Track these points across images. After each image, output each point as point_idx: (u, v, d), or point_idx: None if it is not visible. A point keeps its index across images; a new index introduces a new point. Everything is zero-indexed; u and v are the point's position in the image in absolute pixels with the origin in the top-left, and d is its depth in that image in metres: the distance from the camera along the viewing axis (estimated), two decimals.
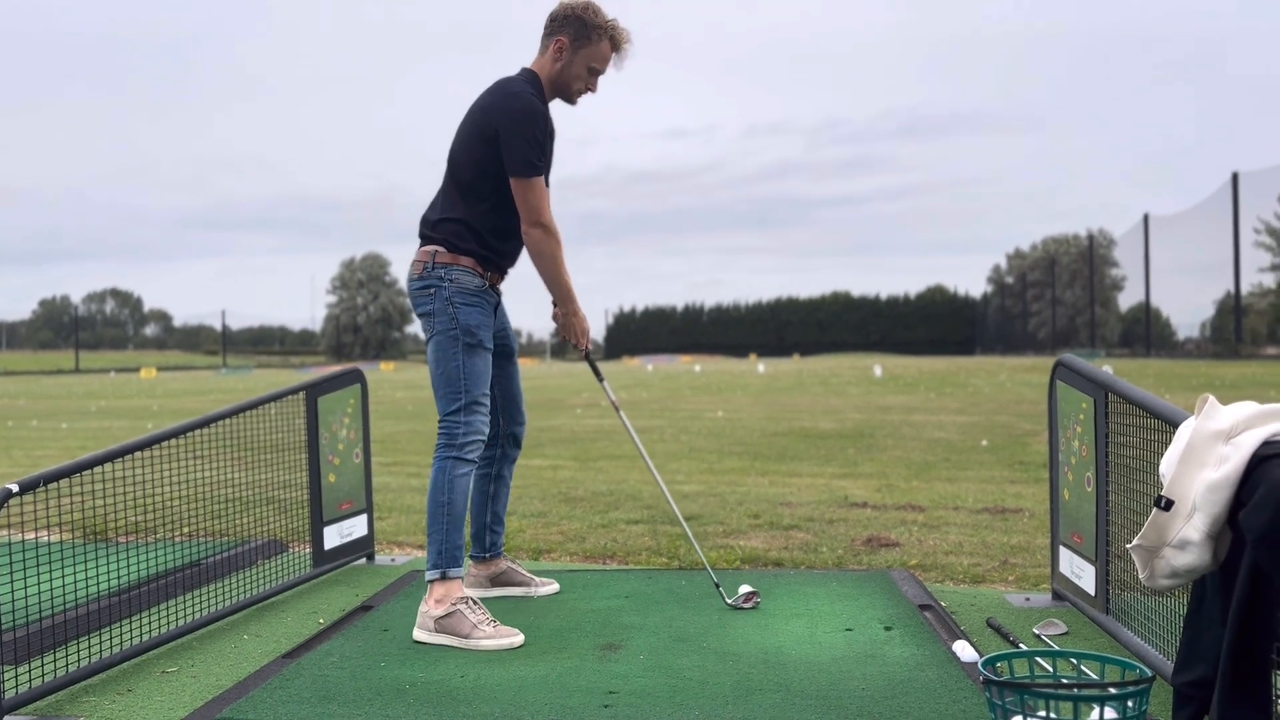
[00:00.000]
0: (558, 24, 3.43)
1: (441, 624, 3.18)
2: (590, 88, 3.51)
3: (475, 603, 3.24)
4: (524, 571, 3.83)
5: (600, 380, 3.88)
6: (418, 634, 3.21)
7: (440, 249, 3.38)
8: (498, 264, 3.47)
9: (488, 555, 3.79)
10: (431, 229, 3.43)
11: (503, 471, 3.79)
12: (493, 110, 3.35)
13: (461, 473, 3.34)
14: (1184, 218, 46.44)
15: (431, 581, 3.27)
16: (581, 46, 3.41)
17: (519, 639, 3.14)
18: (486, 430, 3.42)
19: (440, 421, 3.39)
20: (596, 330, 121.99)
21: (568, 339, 3.66)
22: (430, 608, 3.22)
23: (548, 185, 3.43)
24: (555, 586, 3.81)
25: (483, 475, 3.75)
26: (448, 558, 3.28)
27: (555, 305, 3.56)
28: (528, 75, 3.45)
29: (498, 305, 3.55)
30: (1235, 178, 39.17)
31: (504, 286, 3.59)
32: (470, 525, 3.74)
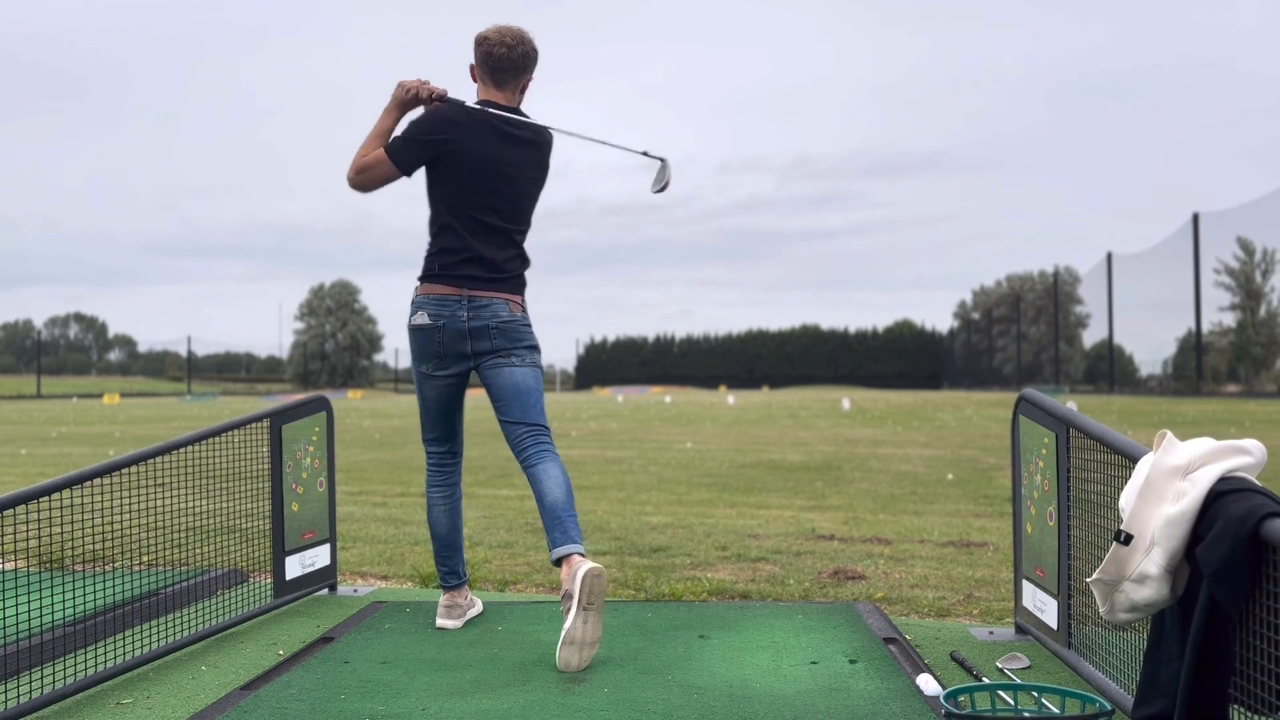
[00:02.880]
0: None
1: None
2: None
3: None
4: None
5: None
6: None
7: (523, 291, 3.74)
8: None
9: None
10: (514, 271, 3.70)
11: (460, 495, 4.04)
12: (545, 148, 3.80)
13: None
14: (1146, 256, 47.25)
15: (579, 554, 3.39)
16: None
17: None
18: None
19: (545, 428, 3.69)
20: (567, 360, 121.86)
21: (411, 95, 3.64)
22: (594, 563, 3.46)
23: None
24: (479, 608, 3.99)
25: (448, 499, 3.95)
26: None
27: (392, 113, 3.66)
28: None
29: None
30: (1195, 218, 39.94)
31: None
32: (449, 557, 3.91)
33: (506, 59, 3.62)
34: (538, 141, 3.70)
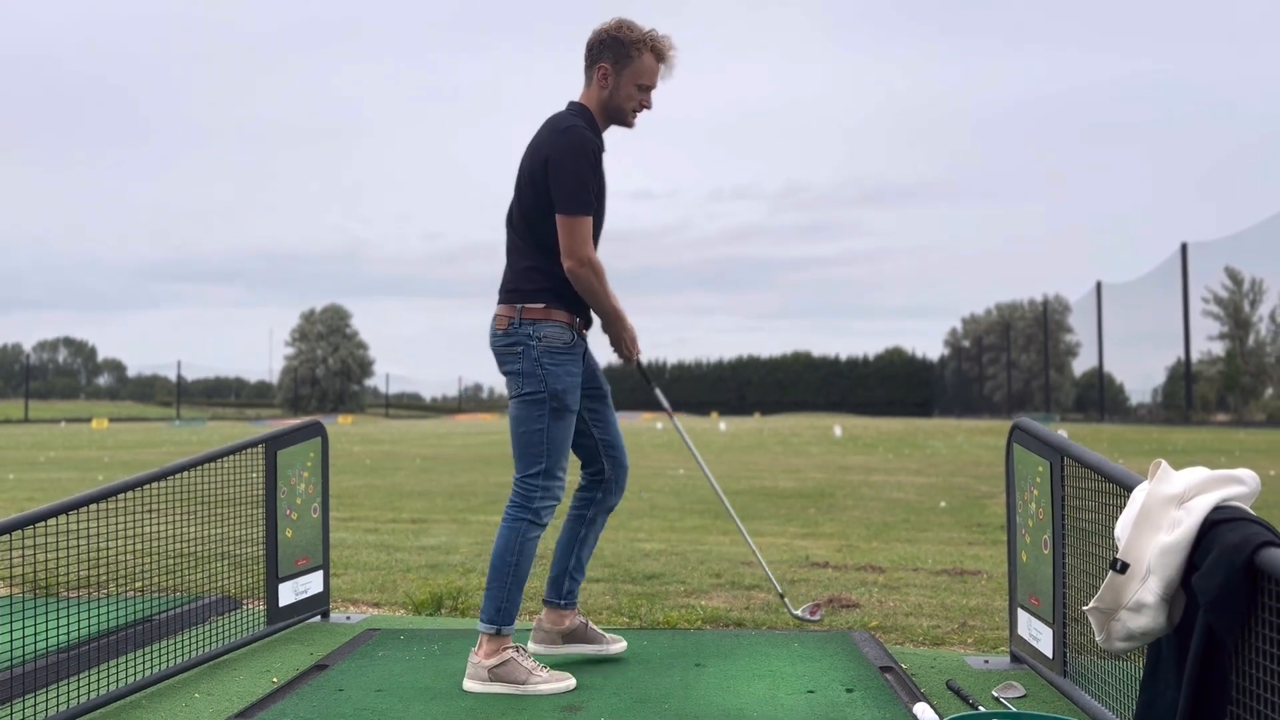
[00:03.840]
0: (596, 51, 3.38)
1: (496, 672, 3.21)
2: (645, 104, 3.45)
3: (524, 650, 3.27)
4: (596, 629, 3.66)
5: (651, 385, 3.81)
6: (469, 684, 3.24)
7: (527, 304, 3.32)
8: (585, 311, 3.42)
9: (563, 604, 3.60)
10: (514, 284, 3.36)
11: (597, 517, 3.64)
12: (541, 148, 3.32)
13: (533, 536, 3.33)
14: (1135, 286, 47.55)
15: (485, 635, 3.26)
16: (624, 67, 3.36)
17: (573, 681, 3.21)
18: (561, 497, 3.39)
19: (517, 481, 3.36)
20: None
21: (617, 351, 3.58)
22: (481, 659, 3.24)
23: (601, 218, 3.41)
24: (624, 644, 3.65)
25: (576, 518, 3.62)
26: (505, 615, 3.28)
27: (604, 328, 3.53)
28: (576, 108, 3.41)
29: (585, 351, 3.51)
30: (1184, 248, 40.23)
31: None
32: (551, 567, 3.63)
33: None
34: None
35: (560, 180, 3.25)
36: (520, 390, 3.32)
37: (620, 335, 3.51)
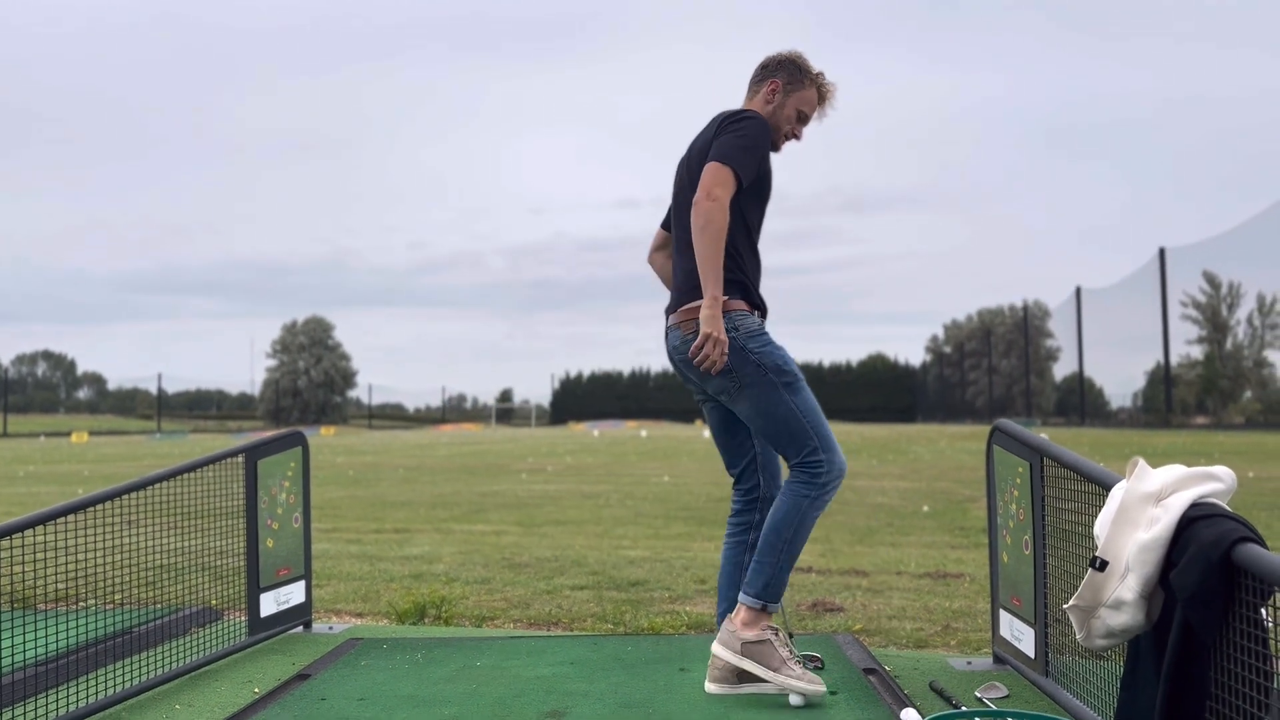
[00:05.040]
0: (771, 69, 3.45)
1: (750, 649, 3.06)
2: (796, 134, 3.47)
3: (783, 636, 3.12)
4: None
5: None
6: (718, 649, 3.10)
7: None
8: (762, 301, 3.34)
9: None
10: (688, 284, 3.26)
11: (759, 541, 3.29)
12: (712, 130, 3.31)
13: (814, 514, 3.15)
14: (1114, 291, 47.90)
15: (748, 607, 3.11)
16: (794, 90, 3.42)
17: (823, 688, 3.05)
18: (845, 468, 3.22)
19: (795, 468, 3.17)
20: (543, 396, 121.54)
21: (697, 358, 3.13)
22: (739, 628, 3.09)
23: (761, 209, 3.35)
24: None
25: (737, 544, 3.44)
26: (772, 591, 3.11)
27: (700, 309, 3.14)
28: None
29: None
30: (1162, 253, 40.58)
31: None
32: (719, 599, 3.43)
33: None
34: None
35: (731, 138, 3.21)
36: (742, 384, 3.15)
37: (710, 316, 3.09)
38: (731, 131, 3.25)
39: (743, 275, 3.27)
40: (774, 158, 3.41)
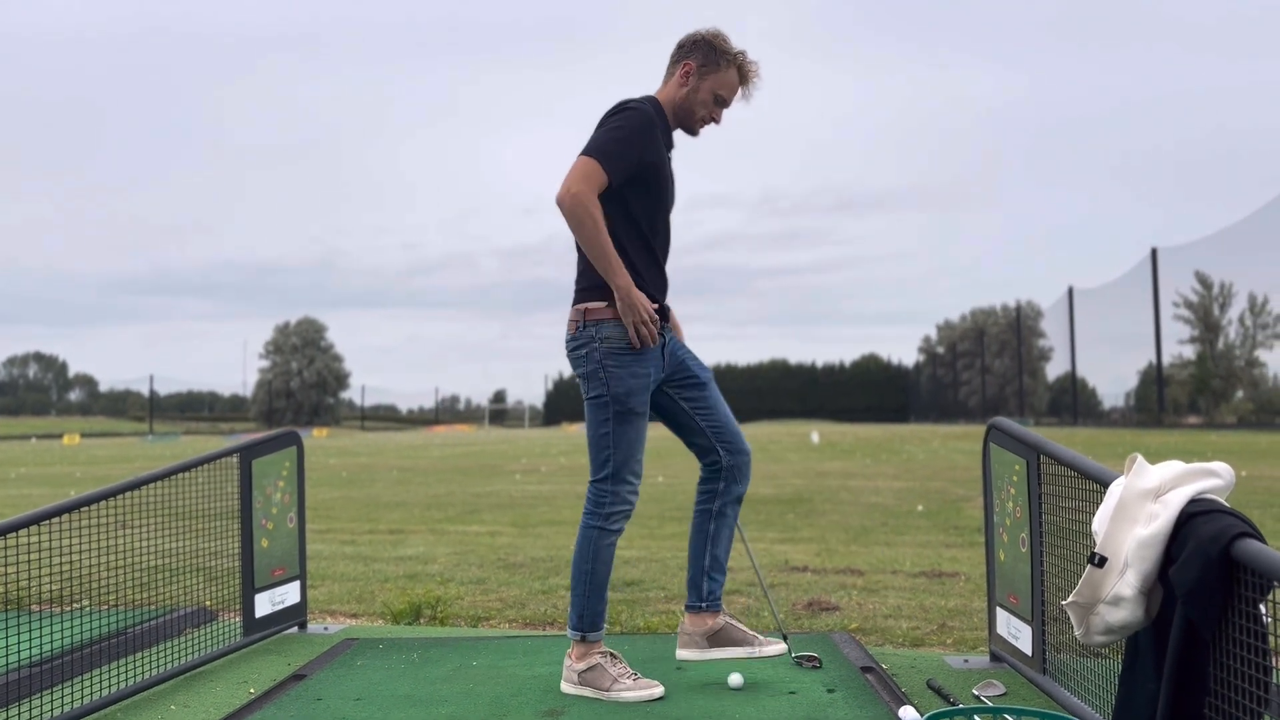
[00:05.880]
0: (686, 49, 3.36)
1: (584, 677, 3.24)
2: (714, 118, 3.40)
3: (615, 656, 3.27)
4: (743, 627, 3.43)
5: None
6: (564, 686, 3.27)
7: (589, 304, 3.22)
8: (652, 296, 3.28)
9: (704, 605, 3.39)
10: (580, 283, 3.28)
11: (725, 509, 3.41)
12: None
13: (607, 543, 3.27)
14: (1106, 290, 48.03)
15: (574, 641, 3.29)
16: (709, 72, 3.33)
17: (659, 690, 3.17)
18: (634, 502, 3.30)
19: (590, 485, 3.30)
20: (536, 397, 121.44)
21: (632, 331, 3.19)
22: (573, 662, 3.27)
23: (666, 209, 3.32)
24: (782, 646, 3.39)
25: (702, 512, 3.43)
26: (588, 622, 3.28)
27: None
28: (650, 98, 3.35)
29: (667, 344, 3.34)
30: (1154, 253, 40.70)
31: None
32: (688, 568, 3.45)
33: None
34: None
35: (603, 131, 3.17)
36: (587, 394, 3.26)
37: (630, 300, 3.16)
38: (605, 124, 3.20)
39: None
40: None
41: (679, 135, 3.48)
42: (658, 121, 3.28)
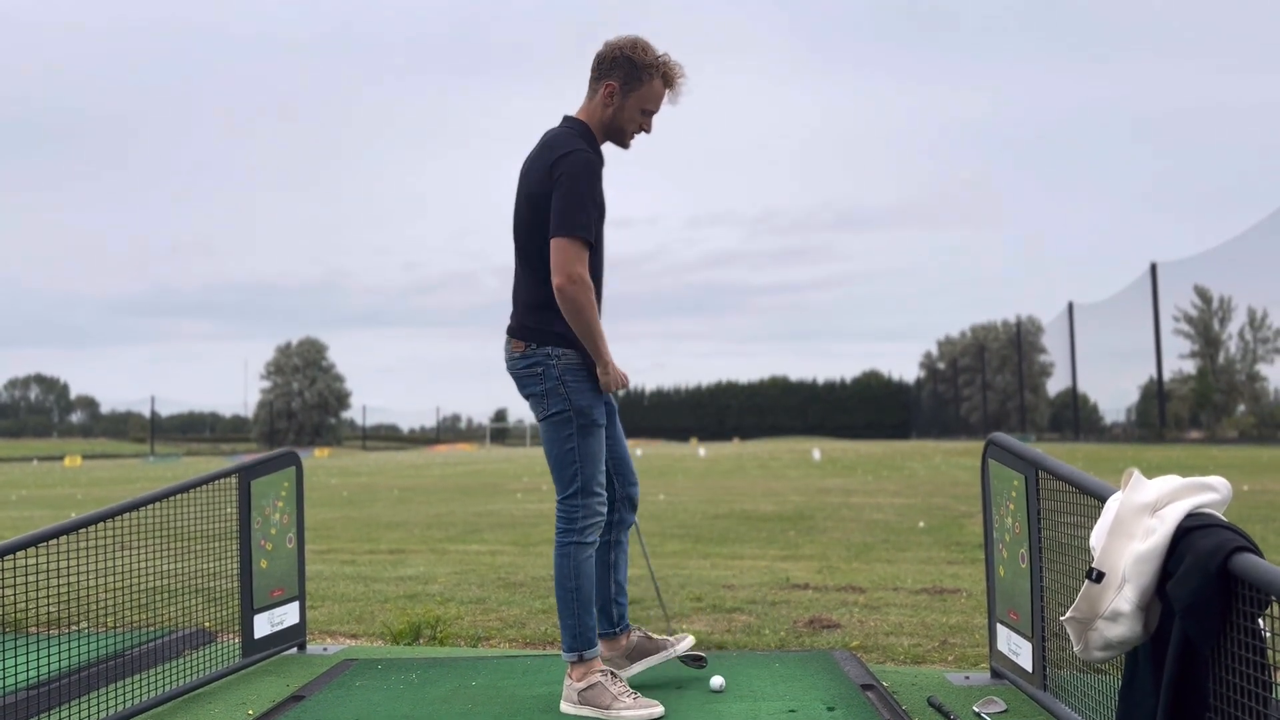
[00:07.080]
0: (606, 67, 3.30)
1: (585, 696, 3.21)
2: (645, 128, 3.38)
3: (615, 675, 3.27)
4: (654, 636, 3.61)
5: None
6: (564, 706, 3.25)
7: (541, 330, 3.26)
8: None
9: (617, 630, 3.56)
10: (521, 318, 3.30)
11: (620, 538, 3.56)
12: (539, 170, 3.22)
13: (585, 556, 3.29)
14: (1107, 306, 48.11)
15: (571, 663, 3.28)
16: (633, 90, 3.29)
17: (659, 709, 3.16)
18: (605, 512, 3.33)
19: (558, 504, 3.31)
20: None
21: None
22: (573, 681, 3.26)
23: (601, 239, 3.32)
24: (691, 640, 3.64)
25: (602, 544, 3.51)
26: (583, 640, 3.27)
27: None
28: (575, 125, 3.32)
29: None
30: (1154, 268, 40.76)
31: None
32: (594, 598, 3.48)
33: None
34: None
35: (563, 200, 3.15)
36: (546, 411, 3.26)
37: (604, 378, 3.31)
38: (559, 192, 3.16)
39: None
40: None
41: (608, 148, 3.44)
42: (595, 157, 3.27)
